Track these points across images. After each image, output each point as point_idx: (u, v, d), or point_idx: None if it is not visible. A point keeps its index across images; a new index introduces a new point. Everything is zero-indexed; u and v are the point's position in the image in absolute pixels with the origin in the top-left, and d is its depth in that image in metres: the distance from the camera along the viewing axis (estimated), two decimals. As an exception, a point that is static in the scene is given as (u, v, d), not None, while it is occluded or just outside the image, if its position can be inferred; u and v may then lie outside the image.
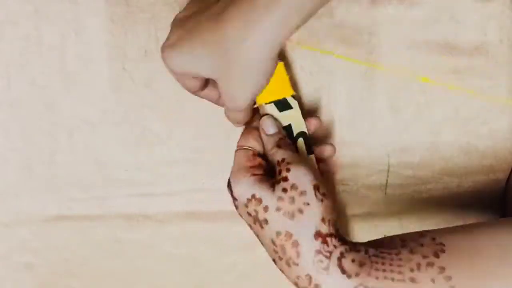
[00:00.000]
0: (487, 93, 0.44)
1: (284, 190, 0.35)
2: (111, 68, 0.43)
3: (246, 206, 0.36)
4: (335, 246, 0.35)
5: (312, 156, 0.40)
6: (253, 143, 0.39)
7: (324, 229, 0.35)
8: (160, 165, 0.44)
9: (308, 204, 0.35)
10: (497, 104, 0.44)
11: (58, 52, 0.43)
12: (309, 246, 0.35)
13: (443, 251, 0.34)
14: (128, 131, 0.44)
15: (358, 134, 0.44)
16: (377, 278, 0.33)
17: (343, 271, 0.34)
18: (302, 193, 0.35)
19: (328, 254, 0.34)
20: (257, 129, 0.40)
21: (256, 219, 0.36)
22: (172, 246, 0.46)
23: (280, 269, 0.36)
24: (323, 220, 0.35)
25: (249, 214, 0.36)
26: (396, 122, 0.44)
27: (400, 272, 0.33)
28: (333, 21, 0.43)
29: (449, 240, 0.35)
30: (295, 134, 0.40)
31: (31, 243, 0.45)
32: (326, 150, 0.41)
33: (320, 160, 0.41)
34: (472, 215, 0.46)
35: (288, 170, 0.36)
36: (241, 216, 0.38)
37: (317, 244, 0.34)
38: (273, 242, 0.35)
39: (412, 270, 0.33)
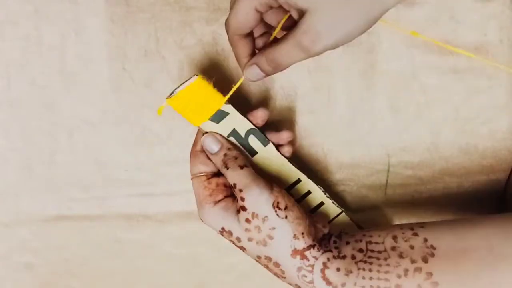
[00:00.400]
0: (487, 60, 0.44)
1: (247, 220, 0.35)
2: (111, 68, 0.43)
3: (221, 234, 0.37)
4: (315, 258, 0.35)
5: (270, 145, 0.40)
6: (203, 168, 0.38)
7: (299, 244, 0.35)
8: (160, 165, 0.44)
9: (274, 228, 0.35)
10: (497, 104, 0.44)
11: (58, 52, 0.43)
12: (289, 265, 0.35)
13: (432, 255, 0.34)
14: (128, 131, 0.44)
15: (358, 134, 0.44)
16: (363, 287, 0.33)
17: (328, 282, 0.34)
18: (265, 219, 0.35)
19: (310, 268, 0.35)
20: (203, 151, 0.39)
21: (235, 245, 0.37)
22: (172, 246, 0.46)
23: None
24: (295, 236, 0.35)
25: (228, 240, 0.37)
26: (396, 122, 0.44)
27: (386, 280, 0.33)
28: (333, 21, 0.43)
29: (441, 242, 0.34)
30: (243, 135, 0.39)
31: (31, 243, 0.45)
32: (282, 138, 0.40)
33: (280, 145, 0.40)
34: (472, 215, 0.46)
35: (243, 199, 0.35)
36: None
37: (297, 261, 0.35)
38: (258, 262, 0.37)
39: (399, 276, 0.33)
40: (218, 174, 0.39)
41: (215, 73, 0.43)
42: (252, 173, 0.36)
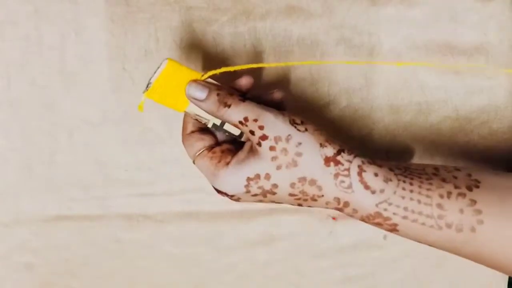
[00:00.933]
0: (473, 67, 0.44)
1: (272, 148, 0.34)
2: (111, 68, 0.43)
3: (248, 191, 0.35)
4: (349, 161, 0.34)
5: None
6: (200, 144, 0.37)
7: (329, 151, 0.34)
8: (160, 165, 0.44)
9: (300, 143, 0.34)
10: (497, 104, 0.44)
11: (58, 52, 0.43)
12: (326, 176, 0.34)
13: (477, 186, 0.33)
14: (128, 131, 0.44)
15: (358, 134, 0.44)
16: (402, 197, 0.33)
17: (366, 186, 0.33)
18: (288, 138, 0.34)
19: (346, 173, 0.34)
20: (193, 131, 0.38)
21: (265, 192, 0.35)
22: (172, 246, 0.46)
23: (308, 207, 0.36)
24: (321, 145, 0.34)
25: (256, 194, 0.35)
26: (396, 122, 0.44)
27: (428, 196, 0.32)
28: (333, 21, 0.43)
29: (485, 179, 0.33)
30: None
31: (31, 243, 0.45)
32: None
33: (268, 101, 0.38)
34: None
35: (261, 127, 0.34)
36: (247, 201, 0.36)
37: (331, 169, 0.34)
38: (292, 194, 0.35)
39: (441, 196, 0.32)
40: (216, 144, 0.38)
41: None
42: (256, 103, 0.35)
